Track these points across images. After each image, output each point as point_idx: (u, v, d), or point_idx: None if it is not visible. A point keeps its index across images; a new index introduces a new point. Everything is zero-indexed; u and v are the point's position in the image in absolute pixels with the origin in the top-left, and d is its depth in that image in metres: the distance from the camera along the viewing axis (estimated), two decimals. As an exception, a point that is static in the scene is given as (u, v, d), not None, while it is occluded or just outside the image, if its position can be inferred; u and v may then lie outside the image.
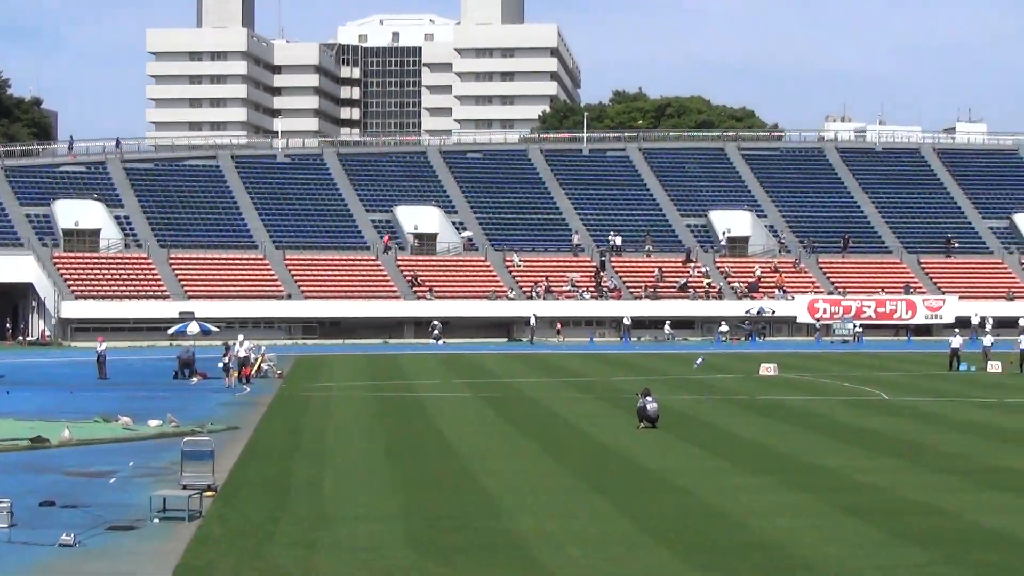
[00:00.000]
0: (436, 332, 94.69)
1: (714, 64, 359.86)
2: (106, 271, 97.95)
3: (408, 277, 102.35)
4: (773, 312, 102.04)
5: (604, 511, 26.13)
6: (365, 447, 35.97)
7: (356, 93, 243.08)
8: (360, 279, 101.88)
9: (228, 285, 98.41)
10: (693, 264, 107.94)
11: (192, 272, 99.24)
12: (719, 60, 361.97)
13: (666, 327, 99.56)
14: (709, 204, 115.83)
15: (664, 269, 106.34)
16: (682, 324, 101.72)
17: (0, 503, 24.48)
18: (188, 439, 29.54)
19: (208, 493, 27.03)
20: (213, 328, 71.01)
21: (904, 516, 25.49)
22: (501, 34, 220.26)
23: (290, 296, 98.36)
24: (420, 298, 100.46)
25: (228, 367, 57.53)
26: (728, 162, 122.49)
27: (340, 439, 37.75)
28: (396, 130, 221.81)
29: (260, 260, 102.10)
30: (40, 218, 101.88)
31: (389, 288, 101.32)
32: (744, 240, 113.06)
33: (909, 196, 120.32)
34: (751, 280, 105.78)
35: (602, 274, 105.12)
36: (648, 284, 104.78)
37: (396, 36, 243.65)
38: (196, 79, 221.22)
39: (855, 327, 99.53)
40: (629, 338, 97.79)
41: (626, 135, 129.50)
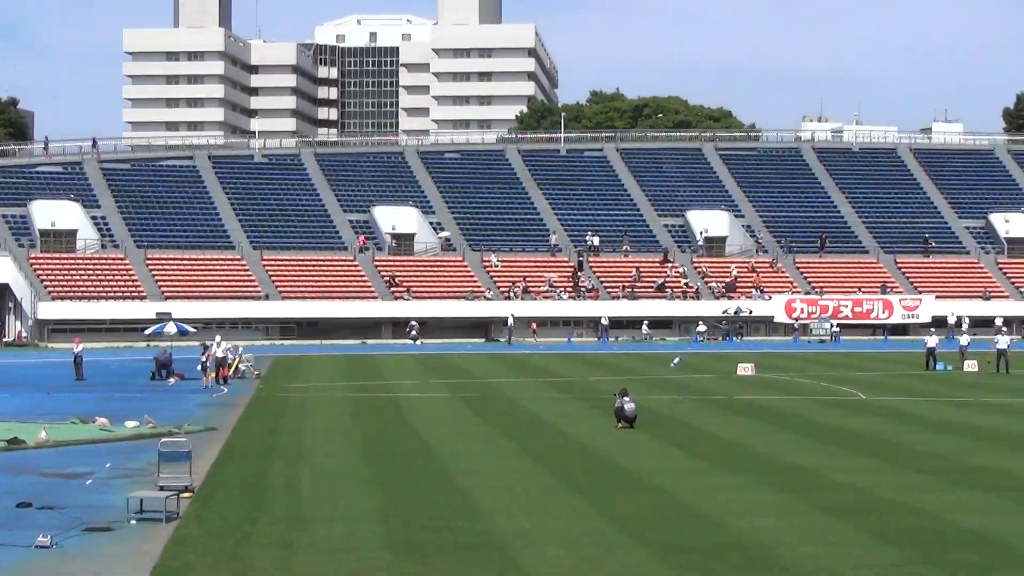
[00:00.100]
0: (414, 332, 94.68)
1: (692, 64, 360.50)
2: (83, 272, 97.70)
3: (386, 277, 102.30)
4: (750, 312, 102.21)
5: (582, 511, 26.14)
6: (343, 448, 35.93)
7: (333, 93, 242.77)
8: (337, 279, 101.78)
9: (205, 285, 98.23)
10: (671, 264, 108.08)
11: (169, 272, 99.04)
12: (696, 60, 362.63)
13: (644, 327, 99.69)
14: (686, 204, 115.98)
15: (642, 269, 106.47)
16: (660, 324, 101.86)
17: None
18: (165, 440, 29.48)
19: (185, 494, 26.97)
20: (190, 329, 70.86)
21: (881, 516, 25.55)
22: (478, 34, 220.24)
23: (267, 296, 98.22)
24: (398, 298, 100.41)
25: (206, 367, 57.46)
26: (705, 162, 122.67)
27: (318, 440, 37.70)
28: (373, 130, 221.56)
29: (237, 260, 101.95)
30: (16, 219, 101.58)
31: (367, 288, 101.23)
32: (721, 240, 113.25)
33: (886, 196, 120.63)
34: (728, 280, 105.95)
35: (580, 274, 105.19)
36: (626, 284, 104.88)
37: (373, 36, 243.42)
38: (173, 79, 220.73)
39: (832, 327, 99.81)
40: (607, 338, 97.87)
41: (603, 135, 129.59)
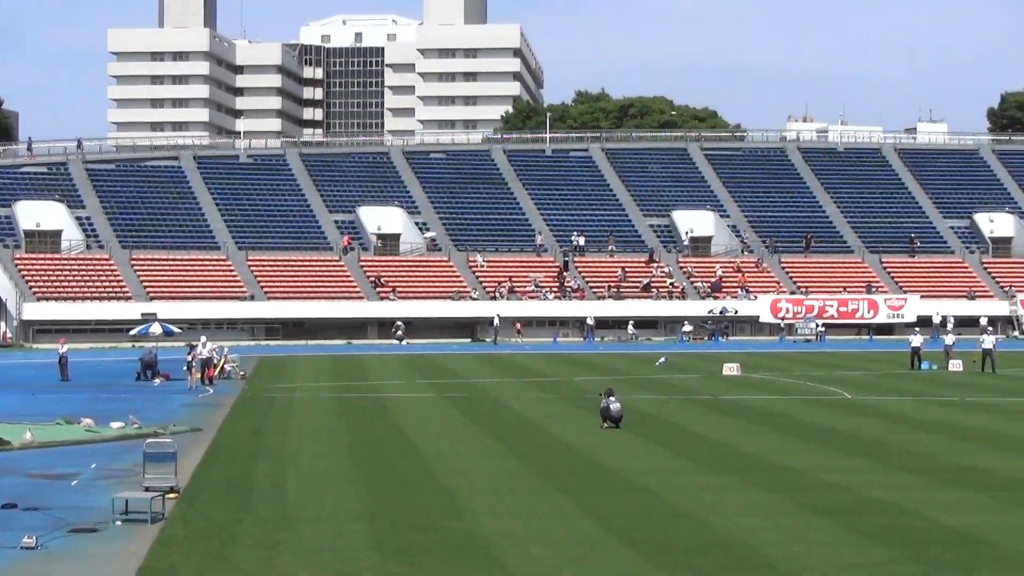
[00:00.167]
0: (399, 333, 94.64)
1: (677, 65, 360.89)
2: (68, 272, 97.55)
3: (371, 278, 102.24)
4: (736, 312, 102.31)
5: (568, 511, 26.16)
6: (328, 448, 35.91)
7: (319, 93, 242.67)
8: (323, 280, 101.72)
9: (190, 286, 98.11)
10: (656, 264, 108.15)
11: (154, 273, 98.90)
12: (682, 61, 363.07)
13: (630, 327, 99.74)
14: (672, 204, 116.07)
15: (627, 269, 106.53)
16: (645, 324, 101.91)
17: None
18: (150, 441, 29.44)
19: (171, 495, 26.94)
20: (175, 329, 70.81)
21: (867, 514, 25.60)
22: (464, 34, 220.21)
23: (253, 297, 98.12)
24: (383, 299, 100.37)
25: (191, 367, 57.41)
26: (691, 162, 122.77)
27: (303, 440, 37.67)
28: (359, 130, 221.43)
29: (223, 261, 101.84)
30: (1, 219, 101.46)
31: (352, 289, 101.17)
32: (707, 240, 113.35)
33: (871, 196, 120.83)
34: (714, 280, 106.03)
35: (565, 274, 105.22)
36: (611, 284, 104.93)
37: (359, 36, 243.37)
38: (158, 79, 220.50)
39: (817, 326, 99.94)
40: (592, 338, 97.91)
41: (589, 135, 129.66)
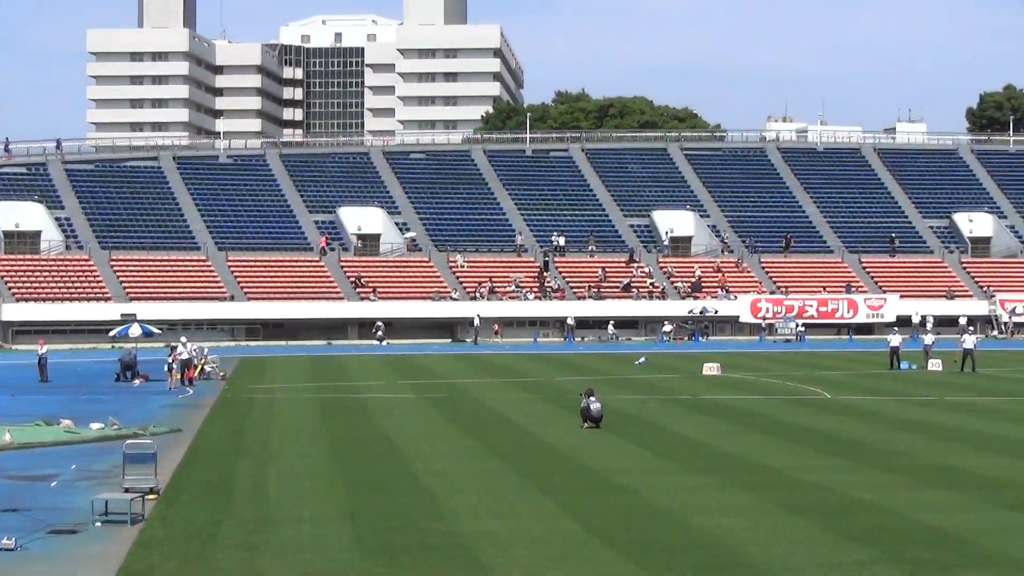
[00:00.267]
0: (380, 333, 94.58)
1: (657, 65, 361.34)
2: (47, 273, 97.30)
3: (351, 278, 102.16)
4: (716, 312, 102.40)
5: (548, 511, 26.17)
6: (309, 449, 35.88)
7: (299, 94, 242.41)
8: (303, 280, 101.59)
9: (170, 287, 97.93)
10: (636, 264, 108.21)
11: (134, 274, 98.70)
12: (661, 61, 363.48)
13: (610, 327, 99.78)
14: (652, 204, 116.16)
15: (607, 269, 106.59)
16: (626, 324, 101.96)
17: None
18: (130, 442, 29.39)
19: (151, 496, 26.90)
20: (155, 330, 70.68)
21: (846, 514, 25.66)
22: (444, 35, 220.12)
23: (233, 297, 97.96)
24: (364, 299, 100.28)
25: (172, 368, 57.28)
26: (671, 162, 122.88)
27: (284, 441, 37.63)
28: (339, 131, 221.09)
29: (202, 261, 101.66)
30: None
31: (332, 289, 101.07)
32: (687, 240, 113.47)
33: (850, 196, 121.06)
34: (693, 280, 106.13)
35: (546, 274, 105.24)
36: (591, 284, 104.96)
37: (339, 37, 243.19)
38: (137, 80, 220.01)
39: (797, 326, 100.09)
40: (573, 338, 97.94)
41: (569, 136, 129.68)
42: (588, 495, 28.02)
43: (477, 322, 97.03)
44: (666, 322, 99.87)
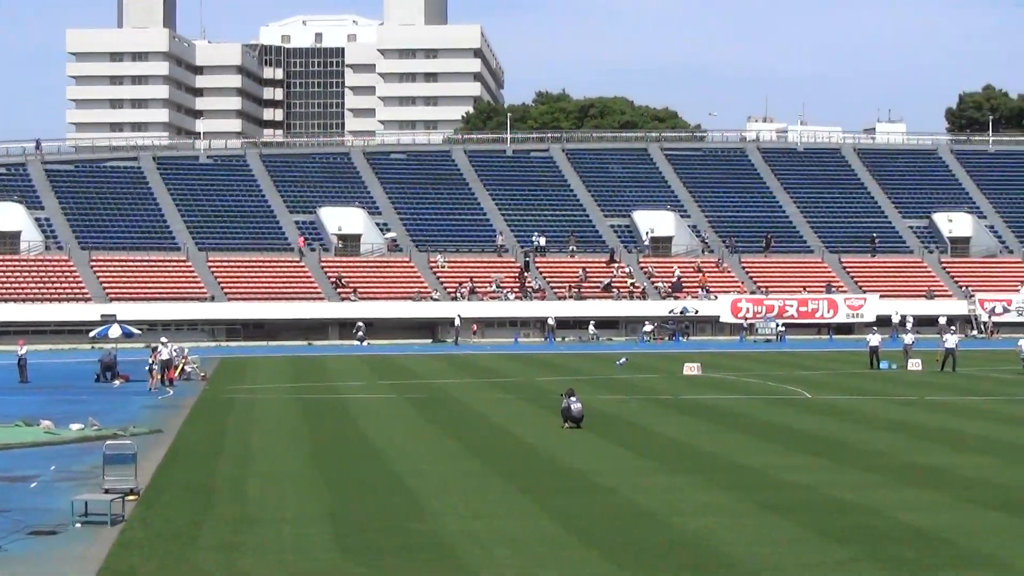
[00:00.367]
0: (360, 334, 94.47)
1: (637, 65, 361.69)
2: (27, 273, 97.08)
3: (332, 278, 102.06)
4: (696, 312, 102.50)
5: (529, 511, 26.16)
6: (290, 449, 35.81)
7: (279, 94, 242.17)
8: (283, 280, 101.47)
9: (150, 287, 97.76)
10: (617, 264, 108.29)
11: (114, 274, 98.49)
12: (642, 61, 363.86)
13: (590, 327, 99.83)
14: (632, 204, 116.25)
15: (588, 269, 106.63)
16: (606, 324, 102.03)
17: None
18: (110, 443, 29.28)
19: (131, 497, 26.81)
20: (135, 331, 70.53)
21: (827, 513, 25.69)
22: (424, 35, 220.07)
23: (213, 298, 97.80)
24: (344, 299, 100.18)
25: (152, 369, 57.16)
26: (651, 162, 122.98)
27: (264, 441, 37.56)
28: (319, 131, 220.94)
29: (182, 262, 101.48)
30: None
31: (313, 289, 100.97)
32: (667, 240, 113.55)
33: (830, 196, 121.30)
34: (674, 280, 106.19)
35: (526, 275, 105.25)
36: (572, 284, 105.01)
37: (319, 37, 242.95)
38: (117, 80, 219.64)
39: (777, 326, 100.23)
40: (553, 338, 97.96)
41: (549, 136, 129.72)
42: (569, 495, 28.02)
43: (458, 322, 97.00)
44: (647, 322, 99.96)
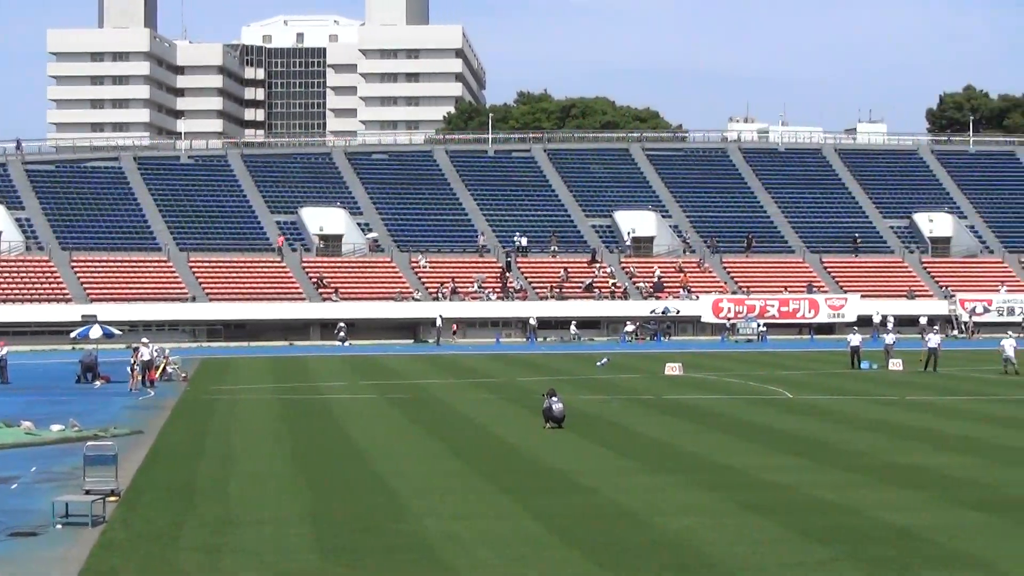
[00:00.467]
0: (342, 334, 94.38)
1: (618, 66, 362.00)
2: (7, 274, 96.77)
3: (313, 279, 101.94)
4: (678, 312, 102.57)
5: (511, 511, 26.17)
6: (271, 450, 35.77)
7: (260, 94, 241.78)
8: (265, 281, 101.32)
9: (131, 287, 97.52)
10: (598, 264, 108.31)
11: (95, 275, 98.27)
12: (623, 62, 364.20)
13: (572, 327, 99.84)
14: (614, 204, 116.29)
15: (569, 269, 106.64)
16: (588, 324, 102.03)
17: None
18: (91, 443, 29.28)
19: (111, 498, 26.78)
20: (116, 331, 70.35)
21: (808, 513, 25.74)
22: (406, 35, 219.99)
23: (194, 298, 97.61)
24: (326, 300, 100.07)
25: (133, 370, 57.03)
26: (632, 163, 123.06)
27: (246, 442, 37.52)
28: (301, 131, 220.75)
29: (164, 262, 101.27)
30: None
31: (294, 290, 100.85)
32: (649, 240, 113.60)
33: (811, 196, 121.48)
34: (655, 280, 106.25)
35: (508, 275, 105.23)
36: (554, 284, 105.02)
37: (300, 37, 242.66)
38: (98, 80, 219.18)
39: (759, 326, 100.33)
40: (535, 338, 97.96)
41: (531, 136, 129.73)
42: (551, 495, 28.03)
43: (439, 322, 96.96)
44: (628, 322, 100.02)
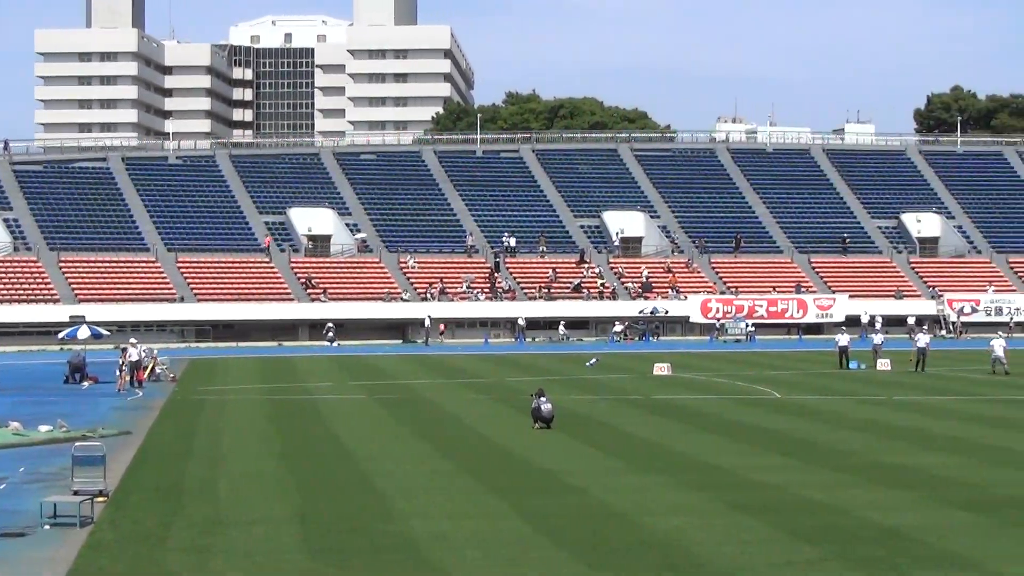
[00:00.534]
0: (331, 334, 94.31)
1: (607, 66, 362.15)
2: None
3: (302, 279, 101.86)
4: (666, 312, 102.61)
5: (500, 512, 26.16)
6: (259, 450, 35.74)
7: (248, 94, 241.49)
8: (253, 281, 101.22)
9: (119, 288, 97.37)
10: (587, 265, 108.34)
11: (83, 275, 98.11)
12: (612, 62, 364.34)
13: (560, 328, 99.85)
14: (602, 205, 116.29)
15: (558, 270, 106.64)
16: (576, 324, 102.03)
17: None
18: (79, 444, 29.23)
19: (100, 499, 26.74)
20: (104, 332, 70.27)
21: (796, 513, 25.76)
22: (394, 35, 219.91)
23: (182, 299, 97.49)
24: (314, 300, 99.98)
25: (121, 370, 56.96)
26: (621, 163, 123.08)
27: (234, 443, 37.48)
28: (289, 132, 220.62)
29: (152, 263, 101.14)
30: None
31: (283, 290, 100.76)
32: (637, 240, 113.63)
33: (799, 196, 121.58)
34: (643, 280, 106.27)
35: (496, 275, 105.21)
36: (542, 285, 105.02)
37: (288, 37, 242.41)
38: (86, 80, 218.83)
39: (747, 326, 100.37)
40: (524, 339, 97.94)
41: (519, 136, 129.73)
42: (539, 496, 28.02)
43: (428, 323, 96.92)
44: (617, 322, 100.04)
